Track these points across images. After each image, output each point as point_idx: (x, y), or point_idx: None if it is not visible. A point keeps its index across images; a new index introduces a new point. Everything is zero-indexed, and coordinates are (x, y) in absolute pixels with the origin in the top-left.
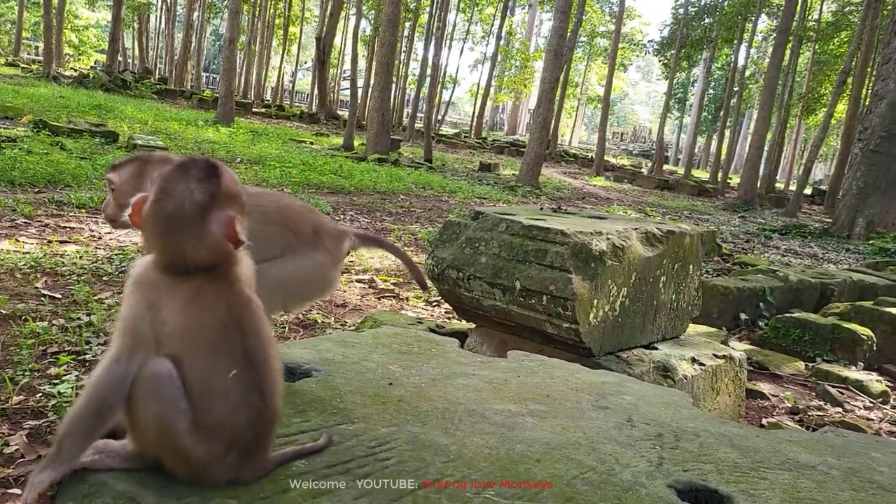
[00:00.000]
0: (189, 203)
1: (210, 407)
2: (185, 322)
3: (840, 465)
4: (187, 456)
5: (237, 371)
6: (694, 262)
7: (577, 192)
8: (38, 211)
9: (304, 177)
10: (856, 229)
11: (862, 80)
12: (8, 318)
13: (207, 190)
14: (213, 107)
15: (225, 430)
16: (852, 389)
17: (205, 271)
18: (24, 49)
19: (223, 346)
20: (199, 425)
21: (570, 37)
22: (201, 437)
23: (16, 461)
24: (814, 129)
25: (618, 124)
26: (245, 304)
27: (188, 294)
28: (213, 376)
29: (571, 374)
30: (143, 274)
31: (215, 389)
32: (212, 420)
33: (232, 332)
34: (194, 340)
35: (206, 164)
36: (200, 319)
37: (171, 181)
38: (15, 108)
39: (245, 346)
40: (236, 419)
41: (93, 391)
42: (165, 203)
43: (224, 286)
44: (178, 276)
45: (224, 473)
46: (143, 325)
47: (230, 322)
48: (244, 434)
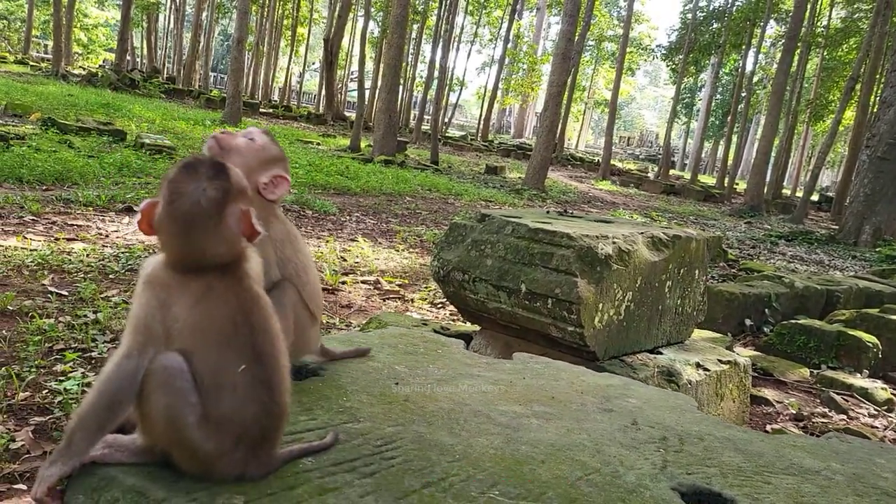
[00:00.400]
0: (205, 200)
1: (219, 401)
2: (196, 318)
3: (844, 470)
4: (196, 450)
5: (246, 366)
6: (700, 267)
7: (583, 196)
8: (46, 208)
9: (311, 177)
10: (862, 236)
11: (870, 86)
12: (15, 314)
13: (220, 186)
14: (221, 107)
15: (233, 424)
16: (857, 397)
17: (216, 268)
18: (34, 47)
19: (233, 342)
20: (208, 419)
21: (577, 40)
22: (210, 431)
23: (21, 457)
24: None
25: (625, 129)
26: (255, 300)
27: (199, 291)
28: (222, 371)
29: (577, 376)
30: (154, 273)
31: (224, 384)
32: (220, 414)
33: (241, 328)
34: (204, 336)
35: (213, 161)
36: (211, 315)
37: (181, 182)
38: (24, 106)
39: (254, 342)
40: (244, 414)
41: (103, 386)
42: (180, 204)
43: (234, 282)
44: (189, 274)
45: (232, 469)
46: (154, 322)
47: (240, 318)
48: (252, 429)
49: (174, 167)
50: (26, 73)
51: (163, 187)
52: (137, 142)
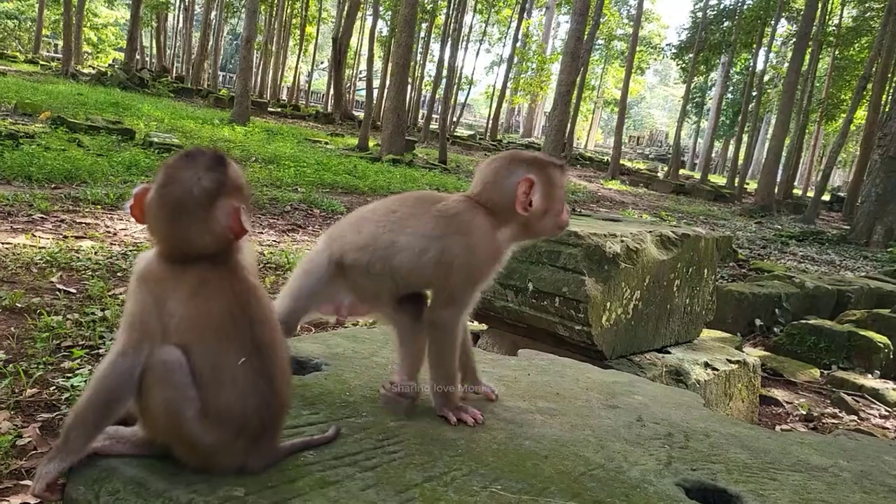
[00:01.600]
0: (197, 189)
1: (219, 394)
2: (192, 311)
3: (851, 467)
4: (195, 443)
5: (245, 358)
6: (709, 266)
7: (592, 196)
8: (55, 206)
9: (319, 176)
10: (874, 237)
11: (882, 85)
12: (23, 311)
13: (216, 178)
14: (230, 106)
15: (233, 417)
16: (868, 397)
17: (208, 259)
18: (44, 47)
19: (232, 334)
20: (207, 413)
21: (587, 39)
22: (210, 424)
23: (29, 453)
24: (832, 134)
25: (634, 128)
26: (251, 292)
27: (193, 284)
28: (221, 364)
29: (582, 373)
30: (147, 268)
31: (224, 377)
32: (220, 407)
33: (240, 320)
34: (202, 329)
35: (214, 154)
36: (207, 308)
37: (178, 168)
38: (34, 105)
39: (253, 334)
40: (244, 406)
41: (99, 384)
42: (172, 188)
43: (228, 274)
44: (182, 266)
45: (232, 461)
46: (149, 319)
47: (237, 310)
48: (252, 421)
49: (177, 154)
50: (36, 73)
51: (159, 172)
52: (146, 141)
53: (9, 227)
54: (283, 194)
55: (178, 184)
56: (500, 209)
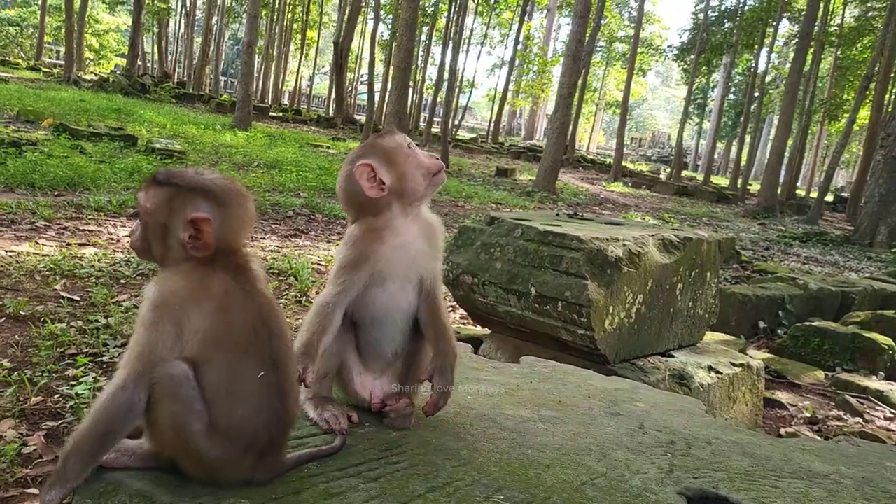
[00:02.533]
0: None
1: (234, 409)
2: (217, 324)
3: (853, 474)
4: (201, 457)
5: (264, 373)
6: (711, 269)
7: (594, 198)
8: (58, 214)
9: (321, 181)
10: (878, 237)
11: (884, 85)
12: (27, 319)
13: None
14: (231, 111)
15: (244, 432)
16: (873, 400)
17: (225, 269)
18: (46, 53)
19: (252, 347)
20: (216, 427)
21: (588, 41)
22: (217, 438)
23: (34, 461)
24: (835, 135)
25: (636, 130)
26: (270, 305)
27: (218, 294)
28: (237, 378)
29: (584, 380)
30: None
31: (241, 391)
32: (233, 422)
33: (261, 333)
34: (224, 341)
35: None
36: (231, 320)
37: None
38: (36, 112)
39: (271, 348)
40: (256, 422)
41: (97, 416)
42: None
43: (249, 286)
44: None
45: (239, 475)
46: (163, 350)
47: (259, 323)
48: (262, 436)
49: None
50: (39, 79)
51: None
52: (148, 146)
53: (12, 235)
54: (285, 199)
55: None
56: (367, 204)
